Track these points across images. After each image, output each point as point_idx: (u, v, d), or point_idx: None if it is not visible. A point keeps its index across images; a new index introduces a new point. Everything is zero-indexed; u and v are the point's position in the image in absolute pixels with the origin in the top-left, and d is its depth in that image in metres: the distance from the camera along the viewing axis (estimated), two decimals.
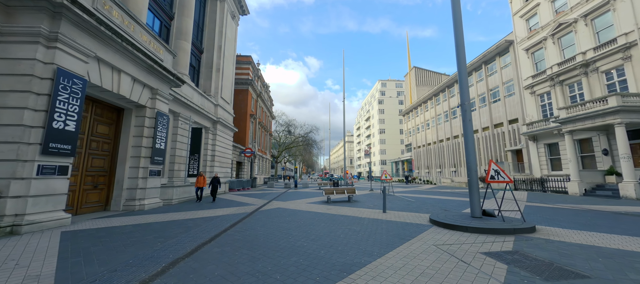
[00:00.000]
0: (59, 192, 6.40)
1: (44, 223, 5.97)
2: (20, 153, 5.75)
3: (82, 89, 6.94)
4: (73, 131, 6.70)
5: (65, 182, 6.59)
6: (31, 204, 5.80)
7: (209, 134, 18.41)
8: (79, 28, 6.88)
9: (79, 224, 6.76)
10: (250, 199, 13.90)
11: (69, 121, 6.59)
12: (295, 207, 10.76)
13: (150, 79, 10.04)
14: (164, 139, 10.77)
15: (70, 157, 6.68)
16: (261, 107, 37.74)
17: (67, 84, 6.52)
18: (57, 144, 6.30)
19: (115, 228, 6.39)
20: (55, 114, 6.25)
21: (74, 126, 6.71)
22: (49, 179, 6.18)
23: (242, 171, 28.77)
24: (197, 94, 16.65)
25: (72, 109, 6.68)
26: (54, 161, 6.27)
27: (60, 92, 6.36)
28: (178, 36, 15.11)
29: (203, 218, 8.12)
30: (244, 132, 29.16)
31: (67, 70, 6.56)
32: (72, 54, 6.71)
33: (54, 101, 6.20)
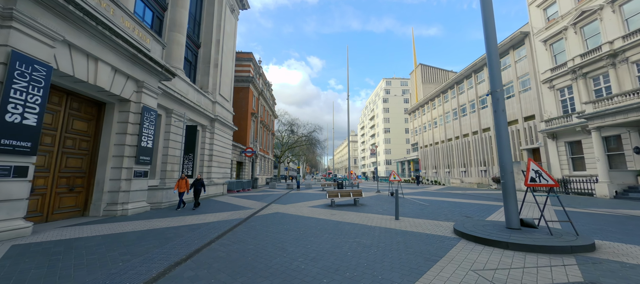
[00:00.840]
0: (15, 198, 5.42)
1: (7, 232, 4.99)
2: None
3: (46, 77, 5.96)
4: (34, 125, 5.73)
5: (25, 186, 5.61)
6: None
7: (207, 133, 17.46)
8: (41, 6, 5.91)
9: (42, 234, 5.78)
10: (248, 202, 12.88)
11: (29, 113, 5.61)
12: (295, 212, 9.68)
13: (135, 71, 9.06)
14: (151, 137, 9.79)
15: (31, 156, 5.70)
16: (263, 105, 36.80)
17: (26, 70, 5.55)
18: (12, 141, 5.32)
19: (79, 240, 5.39)
20: (9, 105, 5.27)
21: (34, 119, 5.74)
22: (1, 182, 5.19)
23: (242, 172, 27.84)
24: (193, 90, 15.69)
25: (33, 100, 5.70)
26: (7, 161, 5.29)
27: (17, 79, 5.38)
28: (172, 28, 14.18)
29: (189, 225, 7.09)
30: (245, 131, 28.23)
31: (26, 54, 5.58)
32: (32, 36, 5.74)
33: (7, 90, 5.23)
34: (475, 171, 30.09)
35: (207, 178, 17.34)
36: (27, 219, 6.69)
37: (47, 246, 4.93)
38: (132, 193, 8.91)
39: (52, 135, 7.30)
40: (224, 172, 19.99)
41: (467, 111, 31.55)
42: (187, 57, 17.04)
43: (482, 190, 22.31)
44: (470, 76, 31.03)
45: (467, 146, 31.53)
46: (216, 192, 16.35)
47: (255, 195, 17.55)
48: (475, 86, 30.05)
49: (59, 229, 6.34)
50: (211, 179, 17.48)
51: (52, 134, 7.30)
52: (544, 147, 20.64)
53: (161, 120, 12.90)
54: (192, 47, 17.58)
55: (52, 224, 6.92)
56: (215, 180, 17.87)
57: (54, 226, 6.66)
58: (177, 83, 13.83)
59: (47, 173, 7.13)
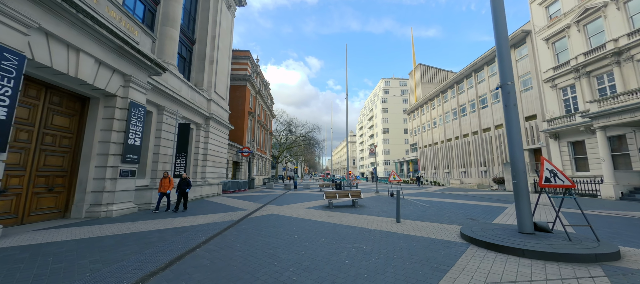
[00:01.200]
0: None
1: None
2: None
3: (18, 67, 5.46)
4: (3, 119, 5.22)
5: None
6: None
7: (201, 131, 16.95)
8: None
9: (10, 238, 5.28)
10: (242, 203, 12.38)
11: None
12: (291, 214, 9.21)
13: (121, 64, 8.56)
14: (139, 134, 9.28)
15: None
16: (261, 104, 36.30)
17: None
18: None
19: (50, 245, 4.89)
20: None
21: (4, 113, 5.23)
22: None
23: (239, 171, 27.32)
24: (187, 86, 15.19)
25: (2, 92, 5.19)
26: None
27: None
28: (164, 22, 13.67)
29: (175, 228, 6.60)
30: (242, 130, 27.72)
31: None
32: (2, 22, 5.23)
33: None
34: (476, 171, 29.74)
35: (201, 178, 16.84)
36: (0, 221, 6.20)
37: (11, 253, 4.43)
38: (118, 193, 8.40)
39: (29, 131, 6.79)
40: (220, 172, 19.49)
41: (467, 110, 31.21)
42: (181, 53, 16.55)
43: (483, 191, 21.93)
44: (471, 76, 30.70)
45: (467, 146, 31.18)
46: (211, 192, 15.84)
47: (251, 195, 17.06)
48: (476, 86, 29.72)
49: (32, 232, 5.84)
50: (206, 179, 16.97)
51: (29, 129, 6.78)
52: (545, 147, 20.29)
53: (152, 117, 12.39)
54: (186, 43, 17.08)
55: (27, 226, 6.41)
56: (210, 180, 17.36)
57: (28, 228, 6.15)
58: (169, 79, 13.32)
59: (22, 172, 6.62)
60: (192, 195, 13.50)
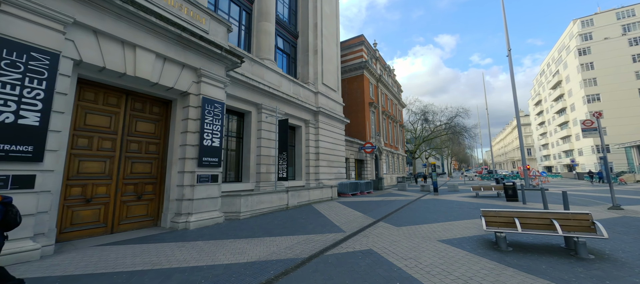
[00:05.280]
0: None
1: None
2: None
3: (51, 67, 4.93)
4: (36, 125, 4.73)
5: (32, 199, 4.65)
6: None
7: (310, 128, 15.36)
8: None
9: (53, 259, 4.66)
10: (346, 215, 8.95)
11: (26, 111, 4.63)
12: (401, 262, 4.70)
13: (189, 57, 7.65)
14: (217, 134, 8.16)
15: (35, 163, 4.71)
16: (384, 93, 31.96)
17: (19, 59, 4.59)
18: (4, 145, 4.38)
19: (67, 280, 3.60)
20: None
21: (36, 118, 4.73)
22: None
23: (364, 170, 24.40)
24: (287, 81, 13.95)
25: (32, 95, 4.71)
26: (1, 170, 4.36)
27: (4, 71, 4.45)
28: (259, 18, 13.02)
29: (195, 267, 4.13)
30: (362, 124, 24.71)
31: (18, 40, 4.63)
32: (28, 19, 4.79)
33: None
34: None
35: (315, 180, 15.19)
36: (90, 231, 6.25)
37: None
38: (197, 202, 7.42)
39: (112, 139, 6.77)
40: (337, 172, 17.30)
41: None
42: (284, 49, 15.79)
43: None
44: None
45: None
46: (322, 196, 13.72)
47: (370, 201, 13.39)
48: None
49: (85, 249, 5.23)
50: (320, 181, 15.15)
51: (112, 137, 6.77)
52: None
53: (251, 117, 11.73)
54: (289, 39, 16.23)
55: (112, 237, 6.18)
56: (325, 181, 15.41)
57: (92, 242, 5.75)
58: (266, 75, 12.37)
59: (108, 180, 6.61)
60: (297, 200, 11.73)
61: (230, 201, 8.84)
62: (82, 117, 6.27)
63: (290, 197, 11.30)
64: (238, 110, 11.39)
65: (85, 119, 6.34)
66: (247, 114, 11.77)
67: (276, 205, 10.42)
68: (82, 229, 6.12)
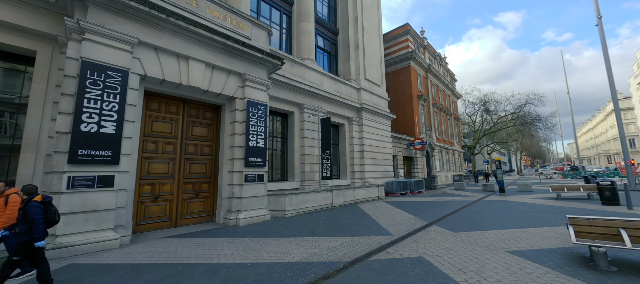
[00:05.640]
0: (102, 208, 5.31)
1: (78, 247, 4.92)
2: (54, 164, 5.05)
3: (122, 82, 5.72)
4: (113, 133, 5.54)
5: (112, 196, 5.46)
6: (63, 224, 4.88)
7: (354, 125, 14.97)
8: (112, 12, 5.79)
9: (128, 248, 5.39)
10: (394, 216, 8.34)
11: (106, 121, 5.46)
12: (460, 276, 4.06)
13: (234, 63, 8.11)
14: (261, 135, 8.48)
15: (113, 165, 5.51)
16: (435, 84, 29.36)
17: (98, 78, 5.44)
18: (90, 150, 5.23)
19: (118, 268, 4.17)
20: (84, 115, 5.22)
21: (113, 127, 5.54)
22: (86, 192, 5.16)
23: (414, 168, 22.79)
24: (328, 79, 13.83)
25: (110, 108, 5.53)
26: (89, 171, 5.23)
27: (89, 88, 5.32)
28: (298, 20, 13.22)
29: (238, 264, 4.26)
30: (411, 119, 23.10)
31: (98, 62, 5.49)
32: (104, 43, 5.64)
33: (80, 100, 5.20)
34: None
35: (361, 179, 14.75)
36: (158, 224, 7.12)
37: (87, 269, 3.99)
38: (245, 200, 7.83)
39: (174, 143, 7.60)
40: (384, 171, 16.51)
41: None
42: (325, 47, 15.72)
43: None
44: None
45: None
46: (368, 196, 13.19)
47: (422, 201, 12.34)
48: None
49: (153, 240, 5.92)
50: (365, 180, 14.65)
51: (173, 141, 7.60)
52: None
53: (294, 117, 11.95)
54: (329, 37, 16.10)
55: (174, 230, 6.94)
56: (370, 180, 14.85)
57: (160, 234, 6.49)
58: (306, 74, 12.47)
59: (172, 180, 7.43)
60: (342, 199, 11.50)
61: (276, 199, 9.09)
62: (149, 125, 7.18)
63: (335, 197, 11.13)
64: (281, 111, 11.71)
65: (152, 126, 7.25)
66: (290, 115, 12.02)
67: (320, 204, 10.37)
68: (153, 222, 7.00)
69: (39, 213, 3.34)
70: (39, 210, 3.36)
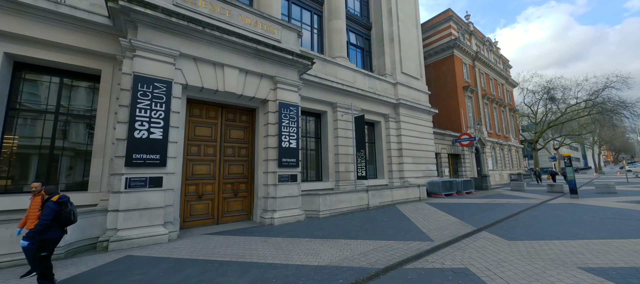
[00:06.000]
0: (153, 206, 5.91)
1: (134, 240, 5.55)
2: (115, 167, 5.78)
3: (167, 92, 6.30)
4: (160, 138, 6.12)
5: (161, 195, 6.04)
6: (123, 220, 5.55)
7: (391, 122, 14.29)
8: (157, 29, 6.41)
9: (178, 241, 5.90)
10: (436, 220, 7.65)
11: (155, 128, 6.06)
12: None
13: (265, 67, 8.34)
14: (294, 136, 8.57)
15: (161, 167, 6.09)
16: (484, 73, 26.47)
17: (147, 89, 6.06)
18: (142, 155, 5.86)
19: (164, 261, 4.58)
20: (136, 123, 5.87)
21: (160, 133, 6.13)
22: (140, 192, 5.80)
23: (462, 167, 20.84)
24: (361, 75, 13.44)
25: (157, 116, 6.12)
26: (141, 173, 5.86)
27: (140, 99, 5.96)
28: (329, 18, 13.13)
29: (268, 265, 4.29)
30: (456, 112, 21.18)
31: (146, 75, 6.12)
32: (151, 58, 6.27)
33: (133, 110, 5.86)
34: None
35: (400, 178, 14.02)
36: (202, 221, 7.69)
37: (136, 262, 4.48)
38: (279, 200, 7.99)
39: (214, 146, 8.13)
40: (426, 170, 15.43)
41: None
42: (357, 43, 15.32)
43: None
44: None
45: None
46: (407, 197, 12.42)
47: (469, 203, 11.16)
48: None
49: (196, 237, 6.38)
50: (405, 179, 13.87)
51: (213, 144, 8.13)
52: None
53: (327, 117, 11.85)
54: (362, 32, 15.65)
55: (215, 227, 7.41)
56: (410, 180, 14.01)
57: (203, 231, 6.97)
58: (338, 72, 12.28)
59: (213, 180, 7.95)
60: (379, 200, 11.02)
61: (310, 199, 9.09)
62: (192, 130, 7.79)
63: (371, 197, 10.71)
64: (314, 111, 11.71)
65: (195, 131, 7.85)
66: (323, 114, 11.95)
67: (356, 205, 10.07)
68: (197, 219, 7.58)
69: (49, 213, 3.42)
70: (51, 211, 3.44)
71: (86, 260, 4.77)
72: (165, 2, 6.59)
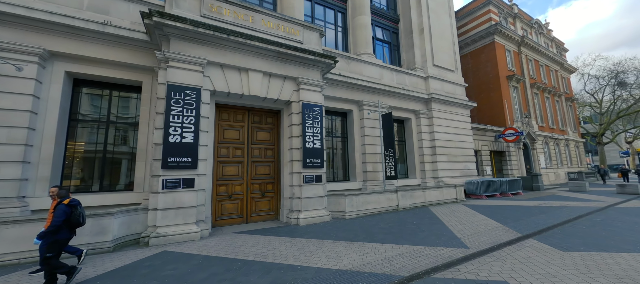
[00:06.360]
0: (186, 205, 6.33)
1: (171, 237, 6.00)
2: (154, 169, 6.31)
3: (196, 99, 6.71)
4: (191, 142, 6.54)
5: (193, 195, 6.45)
6: (160, 218, 6.04)
7: (422, 119, 13.52)
8: (187, 41, 6.85)
9: (209, 239, 6.25)
10: (474, 223, 6.99)
11: (186, 133, 6.49)
12: None
13: (288, 69, 8.44)
14: (317, 136, 8.53)
15: (193, 169, 6.50)
16: (533, 59, 23.64)
17: (179, 97, 6.52)
18: (176, 158, 6.31)
19: (195, 258, 4.89)
20: (170, 128, 6.34)
21: (191, 137, 6.54)
22: (175, 192, 6.25)
23: (506, 165, 18.89)
24: (389, 71, 12.93)
25: (188, 121, 6.55)
26: (176, 175, 6.31)
27: (173, 106, 6.43)
28: (353, 15, 12.89)
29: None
30: (499, 105, 19.27)
31: (177, 83, 6.58)
32: (182, 68, 6.72)
33: (167, 117, 6.34)
34: None
35: (433, 177, 13.19)
36: (233, 220, 8.05)
37: (169, 257, 4.85)
38: (305, 201, 8.02)
39: (241, 147, 8.46)
40: (464, 169, 14.32)
41: None
42: (384, 38, 14.78)
43: None
44: None
45: None
46: (442, 198, 11.60)
47: (515, 206, 10.02)
48: None
49: (226, 235, 6.68)
50: (439, 179, 13.01)
51: (241, 146, 8.46)
52: None
53: (353, 116, 11.60)
54: (388, 26, 15.05)
55: (243, 226, 7.70)
56: (445, 180, 13.09)
57: (233, 229, 7.28)
58: (364, 69, 11.96)
59: (241, 181, 8.28)
60: (410, 201, 10.46)
61: (336, 200, 8.97)
62: (221, 133, 8.20)
63: (401, 198, 10.20)
64: (340, 110, 11.55)
65: (224, 134, 8.25)
66: (349, 113, 11.72)
67: (384, 206, 9.68)
68: (228, 218, 7.96)
69: (61, 215, 3.62)
70: (62, 213, 3.64)
71: (129, 254, 5.28)
72: (193, 14, 7.03)
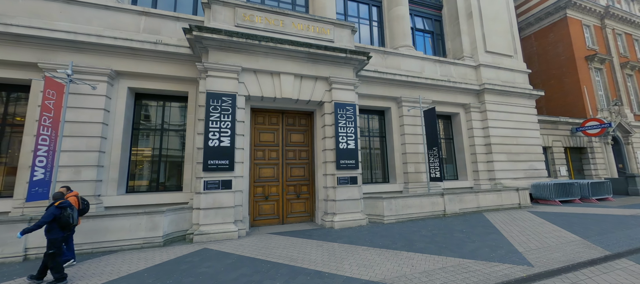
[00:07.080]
0: (225, 206, 6.69)
1: (212, 235, 6.40)
2: (197, 172, 6.83)
3: (232, 104, 7.07)
4: (228, 146, 6.89)
5: (231, 196, 6.78)
6: (203, 216, 6.49)
7: (472, 113, 12.11)
8: (222, 50, 7.28)
9: (245, 239, 6.50)
10: (538, 234, 5.81)
11: (224, 137, 6.88)
12: None
13: (319, 69, 8.33)
14: (351, 136, 8.22)
15: (230, 172, 6.84)
16: (623, 33, 19.19)
17: (217, 103, 6.94)
18: (215, 161, 6.72)
19: (229, 257, 5.10)
20: (209, 133, 6.78)
21: (228, 141, 6.90)
22: (214, 193, 6.66)
23: (589, 164, 15.63)
24: (431, 63, 11.89)
25: (225, 126, 6.93)
26: (215, 177, 6.72)
27: (211, 112, 6.87)
28: (389, 6, 12.30)
29: None
30: (575, 92, 16.13)
31: (215, 91, 7.01)
32: (218, 76, 7.15)
33: (206, 122, 6.80)
34: None
35: (490, 179, 11.64)
36: (269, 221, 8.27)
37: (186, 260, 5.16)
38: (339, 203, 7.79)
39: (276, 150, 8.64)
40: (529, 168, 12.38)
41: None
42: (426, 27, 13.71)
43: None
44: None
45: None
46: (500, 203, 10.10)
47: (602, 214, 8.14)
48: None
49: (261, 235, 6.85)
50: (497, 181, 11.42)
51: (276, 149, 8.64)
52: None
53: (391, 114, 10.92)
54: (430, 14, 13.90)
55: (279, 227, 7.82)
56: (504, 182, 11.44)
57: (269, 229, 7.43)
58: (402, 63, 11.19)
59: (277, 182, 8.45)
60: (459, 206, 9.35)
61: (374, 203, 8.50)
62: (257, 136, 8.50)
63: (448, 202, 9.19)
64: (377, 108, 10.98)
65: (259, 137, 8.54)
66: (387, 111, 11.07)
67: (428, 211, 8.82)
68: (265, 218, 8.18)
69: (48, 216, 3.86)
70: (49, 214, 3.87)
71: (175, 249, 5.77)
72: (228, 25, 7.44)
